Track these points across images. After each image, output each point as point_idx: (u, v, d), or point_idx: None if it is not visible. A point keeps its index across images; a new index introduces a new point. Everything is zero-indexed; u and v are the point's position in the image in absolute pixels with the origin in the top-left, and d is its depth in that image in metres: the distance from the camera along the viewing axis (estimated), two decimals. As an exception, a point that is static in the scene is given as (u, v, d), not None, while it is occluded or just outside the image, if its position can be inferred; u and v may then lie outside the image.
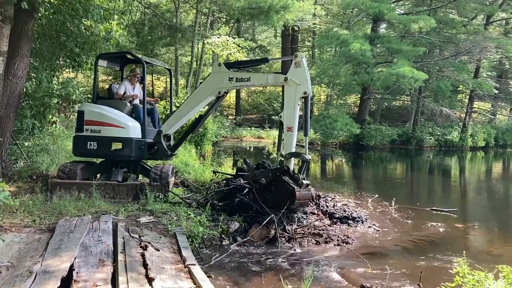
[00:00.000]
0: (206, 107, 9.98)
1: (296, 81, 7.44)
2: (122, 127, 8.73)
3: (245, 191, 8.11)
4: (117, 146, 8.69)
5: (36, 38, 10.66)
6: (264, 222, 7.43)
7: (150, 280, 4.61)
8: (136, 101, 9.51)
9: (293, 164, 7.45)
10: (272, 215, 7.66)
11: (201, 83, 9.35)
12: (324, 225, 8.00)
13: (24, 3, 8.25)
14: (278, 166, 7.70)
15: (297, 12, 25.89)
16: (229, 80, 8.30)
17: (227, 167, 12.63)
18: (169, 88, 17.36)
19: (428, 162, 27.01)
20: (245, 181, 8.39)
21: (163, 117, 11.19)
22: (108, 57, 10.16)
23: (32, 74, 11.03)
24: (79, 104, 11.29)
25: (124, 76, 10.64)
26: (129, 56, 9.91)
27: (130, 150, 8.73)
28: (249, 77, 8.17)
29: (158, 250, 5.75)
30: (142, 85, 9.64)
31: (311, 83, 7.56)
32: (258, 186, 7.90)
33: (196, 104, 8.82)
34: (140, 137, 8.91)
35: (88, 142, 8.80)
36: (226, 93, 8.59)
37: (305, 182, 7.10)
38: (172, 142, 9.64)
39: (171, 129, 9.15)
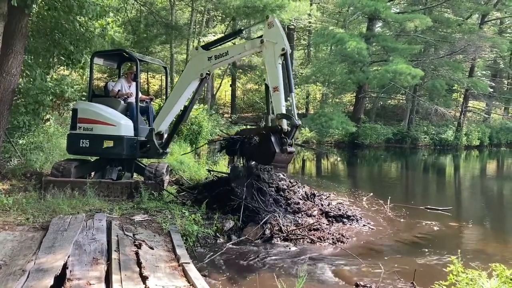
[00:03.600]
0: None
1: (273, 41, 7.45)
2: (113, 125, 8.69)
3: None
4: (108, 144, 8.64)
5: (30, 35, 10.59)
6: (262, 223, 7.44)
7: (144, 279, 4.60)
8: (132, 99, 9.46)
9: (286, 123, 7.33)
10: (269, 215, 7.69)
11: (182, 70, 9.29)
12: (319, 224, 8.00)
13: (14, 0, 8.18)
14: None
15: (292, 12, 25.92)
16: (208, 60, 8.30)
17: (223, 166, 12.60)
18: (164, 86, 17.17)
19: (422, 160, 27.10)
20: (237, 135, 8.53)
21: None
22: (104, 55, 10.07)
23: (26, 72, 10.96)
24: (74, 102, 11.23)
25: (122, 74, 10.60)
26: (124, 53, 9.88)
27: (121, 148, 8.69)
28: (227, 51, 8.18)
29: (152, 248, 5.73)
30: (135, 82, 9.60)
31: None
32: (247, 141, 7.98)
33: (181, 92, 8.73)
34: (132, 135, 8.86)
35: (81, 140, 8.77)
36: (208, 74, 8.53)
37: (289, 149, 7.18)
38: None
39: (162, 124, 9.05)
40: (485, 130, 37.39)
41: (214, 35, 25.63)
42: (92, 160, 9.83)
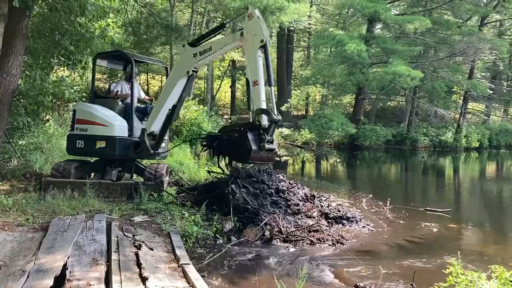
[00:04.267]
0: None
1: (252, 33, 7.25)
2: (106, 126, 8.66)
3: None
4: (100, 144, 8.63)
5: (30, 36, 10.60)
6: (261, 224, 7.43)
7: (144, 280, 4.60)
8: (134, 100, 9.42)
9: (266, 119, 7.09)
10: (269, 216, 7.68)
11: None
12: (318, 225, 8.00)
13: (16, 1, 8.20)
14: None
15: (292, 14, 25.97)
16: (194, 56, 8.16)
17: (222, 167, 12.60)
18: (164, 87, 17.02)
19: (422, 162, 27.12)
20: (218, 133, 8.43)
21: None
22: (108, 57, 9.94)
23: (26, 72, 10.97)
24: (74, 102, 11.24)
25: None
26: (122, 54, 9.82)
27: (113, 148, 8.63)
28: (210, 46, 8.01)
29: (152, 249, 5.73)
30: (130, 83, 9.60)
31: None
32: (227, 139, 7.83)
33: (170, 91, 8.56)
34: (126, 135, 8.81)
35: (77, 141, 8.79)
36: (195, 71, 8.39)
37: (268, 146, 6.92)
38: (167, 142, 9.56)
39: (153, 125, 8.82)
40: (484, 132, 37.44)
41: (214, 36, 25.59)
42: (92, 161, 9.83)
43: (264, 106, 7.08)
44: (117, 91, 9.52)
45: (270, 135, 7.04)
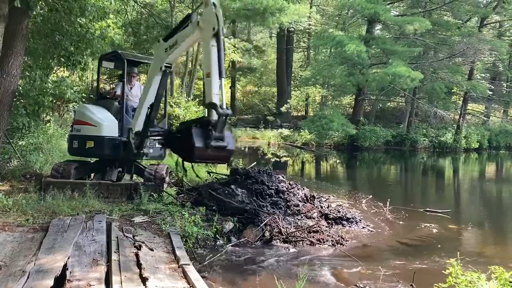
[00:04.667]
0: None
1: (206, 21, 6.71)
2: (94, 126, 8.65)
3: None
4: (90, 144, 8.62)
5: (30, 36, 10.61)
6: (261, 225, 7.44)
7: (144, 280, 4.60)
8: (130, 101, 9.41)
9: (215, 114, 6.54)
10: (269, 217, 7.69)
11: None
12: (318, 226, 8.02)
13: (17, 1, 8.21)
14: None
15: (292, 15, 26.00)
16: (165, 51, 7.84)
17: (222, 167, 12.60)
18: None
19: (422, 163, 27.12)
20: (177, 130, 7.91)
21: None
22: (111, 58, 9.79)
23: (26, 73, 10.98)
24: (74, 103, 11.24)
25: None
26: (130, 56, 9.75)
27: (101, 148, 8.59)
28: (177, 39, 7.61)
29: (152, 250, 5.74)
30: (136, 84, 9.58)
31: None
32: (178, 135, 7.33)
33: (148, 88, 8.24)
34: (116, 135, 8.73)
35: (73, 141, 8.84)
36: (168, 67, 7.98)
37: (215, 144, 6.39)
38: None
39: (137, 124, 8.49)
40: (484, 133, 37.41)
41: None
42: (91, 161, 9.83)
43: (215, 100, 6.51)
44: (115, 92, 9.53)
45: (219, 131, 6.49)
